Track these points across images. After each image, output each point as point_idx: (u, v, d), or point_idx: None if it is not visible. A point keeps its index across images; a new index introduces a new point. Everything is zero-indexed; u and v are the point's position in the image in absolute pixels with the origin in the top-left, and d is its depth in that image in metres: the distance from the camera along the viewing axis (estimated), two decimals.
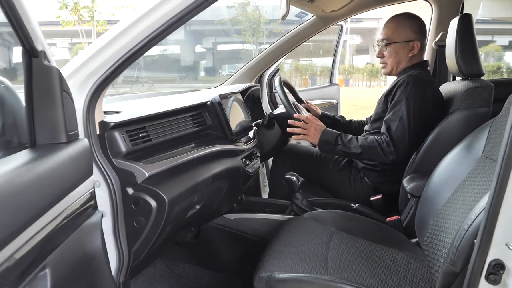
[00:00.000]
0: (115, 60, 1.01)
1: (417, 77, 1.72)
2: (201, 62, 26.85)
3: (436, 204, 1.36)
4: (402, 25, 1.82)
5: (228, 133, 1.58)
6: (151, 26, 1.00)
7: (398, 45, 1.82)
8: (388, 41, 1.82)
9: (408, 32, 1.81)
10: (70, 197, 0.76)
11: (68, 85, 0.99)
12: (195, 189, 1.28)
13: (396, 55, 1.83)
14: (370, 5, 2.13)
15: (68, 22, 13.88)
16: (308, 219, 1.52)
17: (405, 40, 1.81)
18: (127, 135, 1.13)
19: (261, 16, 20.14)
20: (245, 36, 20.52)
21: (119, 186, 1.08)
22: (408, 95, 1.67)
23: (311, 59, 20.08)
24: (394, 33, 1.81)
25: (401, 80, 1.73)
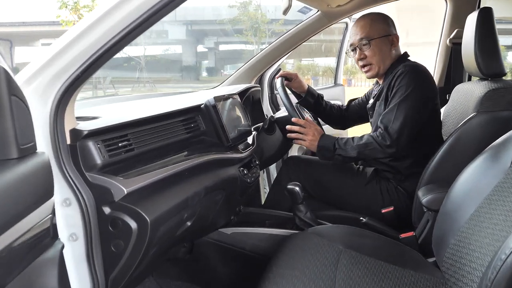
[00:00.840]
0: (87, 56, 0.85)
1: (412, 65, 1.63)
2: (203, 62, 26.79)
3: (457, 221, 1.21)
4: (375, 20, 1.72)
5: (224, 140, 1.43)
6: (130, 15, 0.84)
7: (379, 41, 1.70)
8: (368, 38, 1.69)
9: (384, 25, 1.72)
10: (18, 228, 0.61)
11: (32, 87, 0.84)
12: (185, 204, 1.12)
13: (380, 51, 1.70)
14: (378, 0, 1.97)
15: (68, 22, 13.73)
16: (313, 235, 1.36)
17: (385, 34, 1.71)
18: (103, 144, 0.97)
19: (263, 15, 20.01)
20: (247, 36, 20.39)
21: (93, 204, 0.93)
22: (408, 83, 1.57)
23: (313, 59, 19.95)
24: (371, 29, 1.70)
25: (399, 71, 1.61)
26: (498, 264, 0.82)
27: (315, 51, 17.12)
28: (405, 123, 1.55)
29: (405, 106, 1.56)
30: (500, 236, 1.01)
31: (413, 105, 1.56)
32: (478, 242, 1.07)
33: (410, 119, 1.56)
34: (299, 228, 1.54)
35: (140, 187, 0.98)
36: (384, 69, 1.73)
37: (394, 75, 1.64)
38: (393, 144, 1.56)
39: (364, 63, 1.74)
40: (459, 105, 1.70)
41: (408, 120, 1.56)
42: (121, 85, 15.94)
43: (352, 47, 1.76)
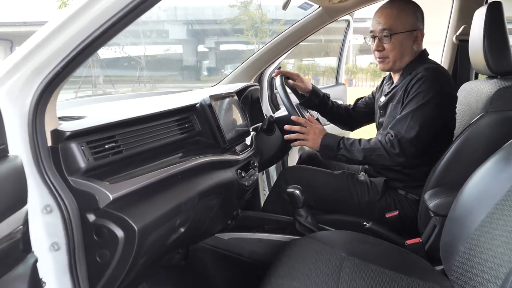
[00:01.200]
0: (69, 50, 0.78)
1: (434, 69, 1.51)
2: (204, 62, 26.76)
3: (467, 227, 1.14)
4: (404, 11, 1.56)
5: (220, 141, 1.36)
6: (115, 5, 0.77)
7: (402, 36, 1.56)
8: (391, 31, 1.55)
9: (412, 19, 1.56)
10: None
11: (7, 85, 0.78)
12: (177, 210, 1.05)
13: (401, 47, 1.57)
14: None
15: None
16: (314, 241, 1.29)
17: (410, 29, 1.56)
18: (88, 146, 0.90)
19: (263, 15, 19.95)
20: (248, 36, 20.34)
21: (76, 211, 0.86)
22: (427, 90, 1.46)
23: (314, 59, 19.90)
24: (397, 21, 1.55)
25: (419, 74, 1.50)
26: None
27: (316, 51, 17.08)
28: (419, 133, 1.45)
29: (420, 114, 1.45)
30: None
31: (430, 114, 1.46)
32: (491, 251, 1.00)
33: (425, 130, 1.46)
34: (299, 233, 1.47)
35: (127, 192, 0.90)
36: (401, 65, 1.61)
37: (413, 77, 1.52)
38: (402, 154, 1.46)
39: (381, 55, 1.61)
40: (466, 105, 1.63)
41: (423, 130, 1.45)
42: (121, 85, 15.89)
43: (372, 35, 1.62)
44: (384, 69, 1.65)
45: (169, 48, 25.47)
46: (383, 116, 1.67)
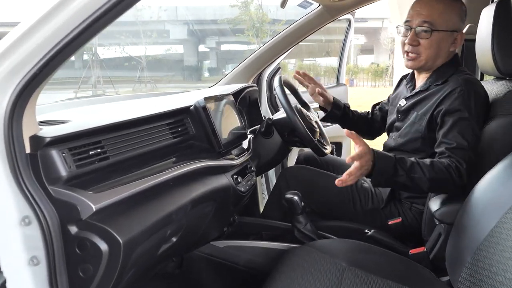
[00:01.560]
0: (47, 50, 0.72)
1: (471, 84, 1.36)
2: (205, 62, 26.76)
3: (474, 237, 1.08)
4: (451, 8, 1.41)
5: (215, 145, 1.30)
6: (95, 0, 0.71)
7: (443, 34, 1.40)
8: (433, 26, 1.38)
9: (456, 18, 1.41)
10: None
11: None
12: (168, 220, 0.99)
13: (438, 46, 1.41)
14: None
15: None
16: (313, 250, 1.23)
17: (452, 29, 1.41)
18: (70, 153, 0.84)
19: (264, 15, 19.92)
20: (249, 36, 20.31)
21: (56, 223, 0.80)
22: (468, 106, 1.31)
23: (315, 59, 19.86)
24: (441, 18, 1.38)
25: (457, 89, 1.34)
26: None
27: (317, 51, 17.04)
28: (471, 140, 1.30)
29: (468, 124, 1.31)
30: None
31: (474, 129, 1.31)
32: (501, 264, 0.94)
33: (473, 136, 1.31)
34: (298, 241, 1.41)
35: (112, 202, 0.84)
36: (432, 66, 1.46)
37: (449, 89, 1.36)
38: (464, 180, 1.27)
39: (413, 50, 1.43)
40: None
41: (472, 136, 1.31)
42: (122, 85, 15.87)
43: (407, 25, 1.43)
44: (412, 67, 1.50)
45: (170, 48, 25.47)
46: (401, 121, 1.52)
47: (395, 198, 1.53)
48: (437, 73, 1.46)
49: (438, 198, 1.33)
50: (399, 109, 1.54)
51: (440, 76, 1.44)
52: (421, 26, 1.40)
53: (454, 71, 1.43)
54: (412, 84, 1.58)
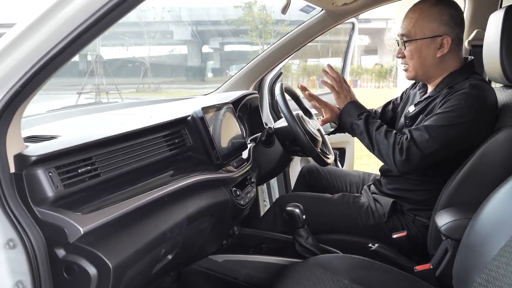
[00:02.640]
0: (29, 66, 0.68)
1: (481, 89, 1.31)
2: (208, 63, 26.77)
3: (483, 255, 1.03)
4: (426, 15, 1.39)
5: (214, 157, 1.25)
6: (81, 12, 0.66)
7: (420, 43, 1.39)
8: (408, 37, 1.41)
9: (434, 24, 1.38)
10: None
11: None
12: (162, 239, 0.95)
13: (419, 55, 1.40)
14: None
15: None
16: (315, 266, 1.19)
17: (430, 35, 1.38)
18: (57, 172, 0.80)
19: (267, 16, 19.89)
20: (252, 37, 20.30)
21: (43, 246, 0.76)
22: (467, 110, 1.28)
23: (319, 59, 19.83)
24: (415, 27, 1.39)
25: (463, 90, 1.31)
26: None
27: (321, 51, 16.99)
28: (434, 152, 1.29)
29: (447, 133, 1.29)
30: None
31: (458, 136, 1.29)
32: (509, 286, 0.89)
33: (445, 150, 1.31)
34: (300, 255, 1.37)
35: (102, 223, 0.80)
36: (426, 76, 1.45)
37: (454, 91, 1.33)
38: (406, 164, 1.31)
39: (402, 62, 1.47)
40: None
41: (442, 150, 1.30)
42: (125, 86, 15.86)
43: (397, 40, 1.49)
44: (408, 78, 1.50)
45: (173, 49, 25.50)
46: (408, 127, 1.45)
47: (397, 210, 1.48)
48: (448, 79, 1.42)
49: (444, 212, 1.28)
50: (407, 115, 1.51)
51: (451, 82, 1.40)
52: (401, 39, 1.44)
53: (467, 77, 1.38)
54: (423, 90, 1.55)
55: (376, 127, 1.41)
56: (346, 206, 1.53)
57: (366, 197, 1.56)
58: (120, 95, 11.89)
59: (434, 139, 1.28)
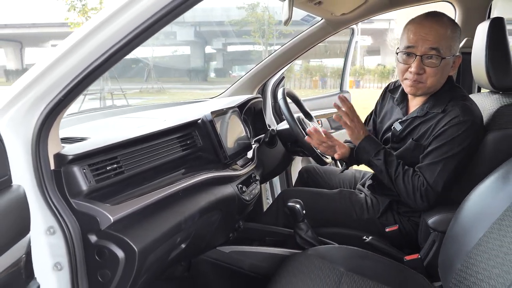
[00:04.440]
0: (70, 79, 0.81)
1: (471, 113, 1.35)
2: (211, 63, 26.86)
3: (464, 244, 1.15)
4: (454, 33, 1.36)
5: (222, 157, 1.38)
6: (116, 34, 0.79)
7: (447, 61, 1.36)
8: (441, 54, 1.33)
9: (457, 44, 1.39)
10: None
11: (11, 112, 0.81)
12: (178, 228, 1.07)
13: (442, 73, 1.37)
14: (384, 7, 1.90)
15: (76, 24, 13.88)
16: (313, 256, 1.31)
17: (454, 54, 1.38)
18: (89, 169, 0.93)
19: (270, 17, 19.99)
20: (255, 38, 20.39)
21: (78, 233, 0.88)
22: (464, 137, 1.33)
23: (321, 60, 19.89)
24: (447, 44, 1.34)
25: (456, 119, 1.33)
26: None
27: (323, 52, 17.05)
28: (446, 183, 1.36)
29: (452, 163, 1.35)
30: (511, 268, 0.94)
31: (461, 162, 1.36)
32: (486, 272, 1.01)
33: (453, 176, 1.37)
34: (300, 247, 1.49)
35: (128, 213, 0.93)
36: (431, 92, 1.43)
37: (444, 115, 1.36)
38: (427, 204, 1.38)
39: (416, 78, 1.38)
40: None
41: (451, 178, 1.37)
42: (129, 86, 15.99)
43: (410, 51, 1.37)
44: (415, 94, 1.44)
45: (176, 50, 25.62)
46: (397, 143, 1.52)
47: (393, 209, 1.58)
48: (434, 99, 1.43)
49: (432, 209, 1.40)
50: (395, 133, 1.52)
51: (438, 102, 1.41)
52: (427, 54, 1.34)
53: (451, 96, 1.41)
54: (404, 105, 1.54)
55: (394, 169, 1.41)
56: (343, 201, 1.64)
57: (363, 194, 1.67)
58: (125, 96, 12.03)
59: (443, 173, 1.35)
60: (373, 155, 1.45)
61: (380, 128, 1.65)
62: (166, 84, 18.87)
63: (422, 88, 1.40)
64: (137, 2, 0.77)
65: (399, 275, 1.29)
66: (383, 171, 1.44)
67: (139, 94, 16.17)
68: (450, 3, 2.03)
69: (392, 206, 1.58)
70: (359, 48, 22.10)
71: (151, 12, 0.76)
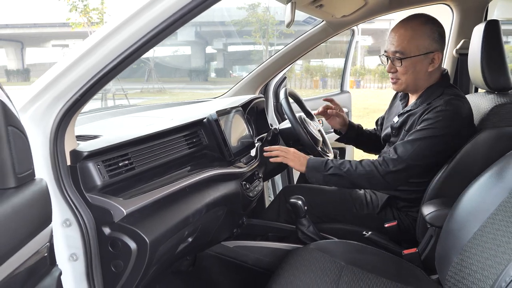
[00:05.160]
0: (86, 80, 0.86)
1: (455, 105, 1.43)
2: (212, 63, 26.90)
3: (460, 239, 1.20)
4: (419, 33, 1.48)
5: (226, 154, 1.43)
6: (129, 39, 0.84)
7: (415, 59, 1.49)
8: (404, 55, 1.49)
9: (428, 41, 1.48)
10: (13, 260, 0.61)
11: (31, 110, 0.85)
12: (186, 222, 1.13)
13: (414, 70, 1.50)
14: (384, 9, 1.95)
15: (78, 24, 13.95)
16: (315, 250, 1.36)
17: (424, 52, 1.49)
18: (103, 165, 0.98)
19: (271, 17, 20.03)
20: (256, 38, 20.43)
21: (93, 225, 0.94)
22: (443, 126, 1.42)
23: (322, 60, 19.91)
24: (410, 45, 1.48)
25: (438, 108, 1.43)
26: None
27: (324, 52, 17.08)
28: (419, 163, 1.44)
29: (428, 146, 1.43)
30: (503, 259, 0.99)
31: (437, 148, 1.44)
32: (480, 263, 1.06)
33: (427, 160, 1.45)
34: (302, 241, 1.54)
35: (140, 207, 0.98)
36: (416, 87, 1.55)
37: (431, 107, 1.45)
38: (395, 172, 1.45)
39: (393, 76, 1.56)
40: None
41: (425, 161, 1.45)
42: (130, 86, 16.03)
43: (385, 55, 1.56)
44: (398, 90, 1.62)
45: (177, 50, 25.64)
46: (395, 136, 1.62)
47: (392, 205, 1.64)
48: (426, 94, 1.54)
49: (429, 204, 1.44)
50: (393, 125, 1.62)
51: (429, 96, 1.52)
52: (394, 55, 1.51)
53: (442, 92, 1.50)
54: (405, 101, 1.68)
55: (349, 165, 1.50)
56: (343, 197, 1.70)
57: (363, 190, 1.73)
58: (126, 96, 12.08)
59: (417, 152, 1.43)
60: (324, 168, 1.53)
61: (386, 122, 1.76)
62: (167, 84, 18.91)
63: (401, 84, 1.56)
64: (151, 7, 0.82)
65: (397, 268, 1.34)
66: (342, 174, 1.50)
67: (140, 94, 16.22)
68: (447, 6, 2.08)
69: (390, 202, 1.64)
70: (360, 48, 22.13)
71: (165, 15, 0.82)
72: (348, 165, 1.50)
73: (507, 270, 0.82)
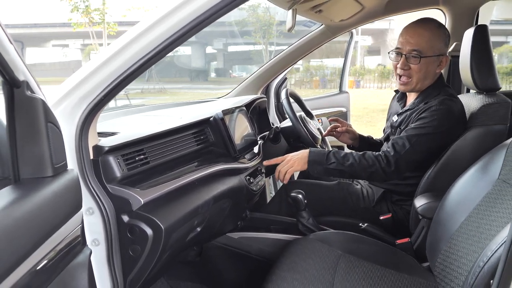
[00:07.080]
0: (109, 82, 0.96)
1: (449, 105, 1.54)
2: (212, 63, 26.94)
3: (448, 228, 1.30)
4: (436, 35, 1.58)
5: (232, 150, 1.53)
6: (149, 44, 0.94)
7: (430, 60, 1.58)
8: (422, 54, 1.56)
9: (441, 44, 1.59)
10: (55, 237, 0.71)
11: (60, 108, 0.95)
12: (195, 212, 1.23)
13: (426, 70, 1.59)
14: (380, 14, 2.05)
15: (79, 24, 14.05)
16: (314, 240, 1.45)
17: (439, 54, 1.59)
18: (122, 159, 1.08)
19: (271, 18, 20.09)
20: (256, 38, 20.49)
21: (113, 213, 1.03)
22: (437, 125, 1.52)
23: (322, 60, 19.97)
24: (428, 45, 1.56)
25: (433, 107, 1.54)
26: (476, 271, 0.91)
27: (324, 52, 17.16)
28: (416, 159, 1.55)
29: (423, 143, 1.53)
30: (485, 244, 1.09)
31: (431, 145, 1.54)
32: (465, 249, 1.16)
33: (423, 156, 1.55)
34: (302, 233, 1.63)
35: (155, 197, 1.08)
36: (421, 87, 1.63)
37: (427, 107, 1.56)
38: (396, 172, 1.55)
39: (405, 74, 1.61)
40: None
41: (421, 156, 1.55)
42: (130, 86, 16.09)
43: (398, 51, 1.61)
44: (405, 90, 1.67)
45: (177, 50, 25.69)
46: (394, 135, 1.70)
47: (387, 199, 1.75)
48: (424, 94, 1.64)
49: (421, 197, 1.54)
50: (393, 124, 1.72)
51: (426, 96, 1.62)
52: (410, 53, 1.58)
53: (439, 92, 1.60)
54: (403, 101, 1.78)
55: (352, 158, 1.56)
56: (341, 192, 1.80)
57: (360, 185, 1.83)
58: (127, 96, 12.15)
59: (413, 149, 1.53)
60: (325, 161, 1.58)
61: (386, 124, 1.86)
62: (167, 84, 18.96)
63: (411, 84, 1.63)
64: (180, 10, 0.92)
65: (391, 256, 1.43)
66: (344, 169, 1.57)
67: (140, 94, 16.27)
68: (440, 10, 2.18)
69: (386, 195, 1.74)
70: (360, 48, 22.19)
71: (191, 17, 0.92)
72: (351, 159, 1.56)
73: (485, 251, 0.92)
